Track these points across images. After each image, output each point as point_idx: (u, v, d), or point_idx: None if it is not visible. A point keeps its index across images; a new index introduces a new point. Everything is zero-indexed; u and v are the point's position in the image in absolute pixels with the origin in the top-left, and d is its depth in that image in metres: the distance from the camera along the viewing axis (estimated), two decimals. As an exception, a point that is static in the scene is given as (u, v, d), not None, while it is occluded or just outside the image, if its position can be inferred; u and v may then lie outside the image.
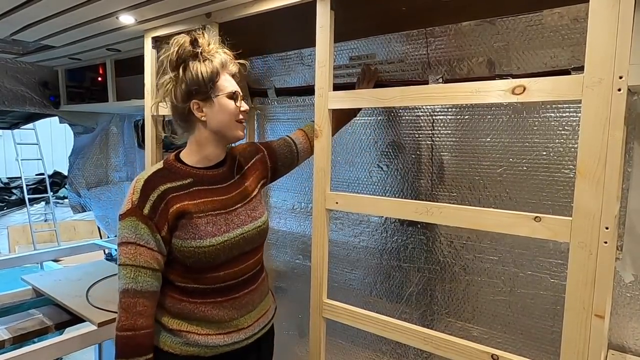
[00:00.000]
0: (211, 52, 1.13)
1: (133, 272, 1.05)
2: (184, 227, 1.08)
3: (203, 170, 1.17)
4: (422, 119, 1.56)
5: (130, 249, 1.05)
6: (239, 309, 1.17)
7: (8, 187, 8.29)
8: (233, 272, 1.15)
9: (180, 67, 1.12)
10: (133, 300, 1.04)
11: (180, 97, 1.13)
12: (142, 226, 1.05)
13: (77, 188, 3.30)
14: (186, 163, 1.17)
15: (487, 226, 0.96)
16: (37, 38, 1.95)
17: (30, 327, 1.83)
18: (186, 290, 1.13)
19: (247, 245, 1.17)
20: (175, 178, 1.12)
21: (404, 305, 1.68)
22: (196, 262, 1.10)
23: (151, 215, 1.06)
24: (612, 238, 0.81)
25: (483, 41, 1.36)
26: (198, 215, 1.09)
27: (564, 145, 1.28)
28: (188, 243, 1.08)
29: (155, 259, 1.07)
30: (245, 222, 1.17)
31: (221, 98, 1.13)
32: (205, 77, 1.10)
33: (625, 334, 1.23)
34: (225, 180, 1.20)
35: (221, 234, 1.11)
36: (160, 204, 1.07)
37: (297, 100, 1.97)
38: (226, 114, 1.13)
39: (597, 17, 0.80)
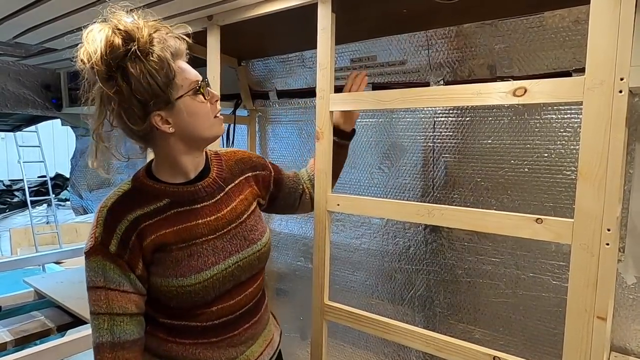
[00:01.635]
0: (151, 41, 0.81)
1: (107, 322, 0.84)
2: (162, 262, 0.88)
3: (182, 187, 0.93)
4: (424, 121, 1.57)
5: (100, 294, 0.85)
6: (238, 347, 0.98)
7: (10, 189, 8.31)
8: (228, 306, 0.95)
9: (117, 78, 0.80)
10: (111, 355, 0.84)
11: (133, 117, 0.84)
12: (110, 266, 0.85)
13: (79, 190, 3.31)
14: (160, 179, 0.93)
15: (488, 228, 0.96)
16: (40, 41, 1.96)
17: (32, 329, 1.83)
18: (173, 329, 0.93)
19: (243, 275, 0.97)
20: (147, 201, 0.89)
21: (405, 307, 1.68)
22: (181, 303, 0.90)
23: (120, 253, 0.85)
24: (614, 240, 0.81)
25: (484, 43, 1.36)
26: (178, 246, 0.88)
27: (565, 147, 1.27)
28: (168, 282, 0.87)
29: (132, 302, 0.87)
30: (241, 247, 0.96)
31: (185, 98, 0.86)
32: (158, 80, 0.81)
33: (627, 336, 1.23)
34: (212, 195, 0.96)
35: (209, 268, 0.90)
36: (131, 237, 0.85)
37: (299, 102, 1.97)
38: (198, 116, 0.89)
39: (598, 19, 0.80)
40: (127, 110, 0.83)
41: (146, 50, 0.80)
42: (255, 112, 2.16)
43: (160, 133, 0.88)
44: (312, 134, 1.84)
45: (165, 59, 0.82)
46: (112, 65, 0.80)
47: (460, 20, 1.37)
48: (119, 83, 0.80)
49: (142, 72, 0.80)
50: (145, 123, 0.85)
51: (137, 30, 0.81)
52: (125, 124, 0.85)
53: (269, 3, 1.32)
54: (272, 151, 2.15)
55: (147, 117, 0.85)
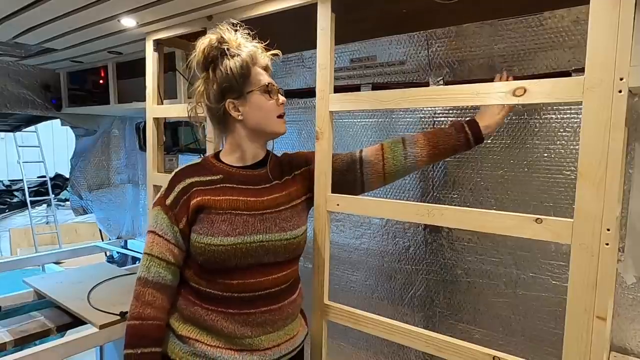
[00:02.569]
0: (239, 47, 1.09)
1: (148, 260, 1.05)
2: (201, 222, 1.05)
3: (237, 169, 1.13)
4: (423, 121, 1.57)
5: (150, 237, 1.07)
6: (253, 327, 1.06)
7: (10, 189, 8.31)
8: (249, 283, 1.05)
9: (209, 68, 1.09)
10: (143, 289, 1.04)
11: (213, 98, 1.10)
12: (162, 216, 1.06)
13: (78, 190, 3.31)
14: (222, 161, 1.15)
15: (488, 228, 0.96)
16: (39, 41, 1.96)
17: (32, 330, 1.83)
18: (199, 293, 1.08)
19: (267, 256, 1.07)
20: (205, 173, 1.11)
21: (405, 307, 1.68)
22: (207, 261, 1.05)
23: (172, 206, 1.06)
24: (614, 240, 0.81)
25: (484, 43, 1.36)
26: (217, 211, 1.05)
27: (565, 147, 1.27)
28: (201, 238, 1.04)
29: (170, 251, 1.05)
30: (270, 229, 1.07)
31: (255, 93, 1.09)
32: (236, 73, 1.06)
33: (627, 336, 1.23)
34: (259, 182, 1.13)
35: (235, 235, 1.03)
36: (183, 196, 1.07)
37: (298, 102, 1.97)
38: (263, 110, 1.10)
39: (598, 19, 0.80)
40: (209, 91, 1.10)
41: (233, 53, 1.07)
42: (255, 112, 2.16)
43: (232, 119, 1.11)
44: (312, 134, 1.84)
45: (244, 61, 1.07)
46: (208, 58, 1.08)
47: (459, 20, 1.37)
48: (209, 72, 1.10)
49: (226, 66, 1.06)
50: (220, 105, 1.09)
51: (232, 39, 1.09)
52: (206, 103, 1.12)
53: (269, 3, 1.32)
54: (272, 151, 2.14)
55: (222, 100, 1.09)
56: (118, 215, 3.35)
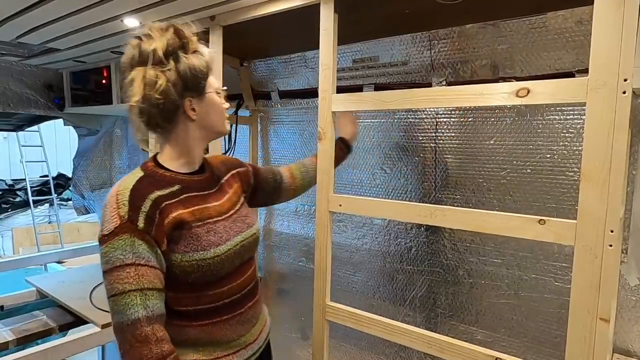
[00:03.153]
0: (197, 45, 1.04)
1: (140, 297, 0.89)
2: (183, 239, 0.96)
3: (188, 176, 1.06)
4: (426, 122, 1.56)
5: (130, 271, 0.89)
6: (245, 324, 1.09)
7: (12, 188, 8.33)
8: (236, 285, 1.07)
9: (171, 59, 0.98)
10: (149, 328, 0.89)
11: (172, 92, 0.98)
12: (138, 243, 0.90)
13: (81, 190, 3.32)
14: (168, 168, 1.04)
15: (491, 229, 0.95)
16: (42, 41, 1.96)
17: (34, 329, 1.83)
18: (188, 315, 1.01)
19: (246, 254, 1.10)
20: (161, 185, 0.98)
21: (407, 308, 1.67)
22: (199, 277, 0.98)
23: (147, 229, 0.91)
24: (617, 241, 0.81)
25: (487, 44, 1.35)
26: (196, 224, 0.99)
27: (568, 148, 1.27)
28: (190, 256, 0.96)
29: (158, 278, 0.93)
30: (242, 228, 1.10)
31: (212, 94, 1.07)
32: (201, 71, 1.01)
33: (630, 338, 1.22)
34: (211, 186, 1.11)
35: (224, 243, 1.02)
36: (155, 214, 0.93)
37: (301, 102, 1.97)
38: (217, 111, 1.08)
39: (602, 20, 0.80)
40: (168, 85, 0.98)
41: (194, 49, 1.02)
42: (257, 112, 2.16)
43: (184, 118, 1.03)
44: (314, 134, 1.84)
45: (207, 62, 1.04)
46: (169, 51, 0.98)
47: (462, 20, 1.37)
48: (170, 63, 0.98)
49: (191, 62, 1.00)
50: (177, 101, 1.00)
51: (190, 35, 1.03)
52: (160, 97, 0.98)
53: (272, 3, 1.32)
54: (274, 151, 2.15)
55: (182, 97, 1.01)
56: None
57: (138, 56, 0.98)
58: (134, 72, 0.98)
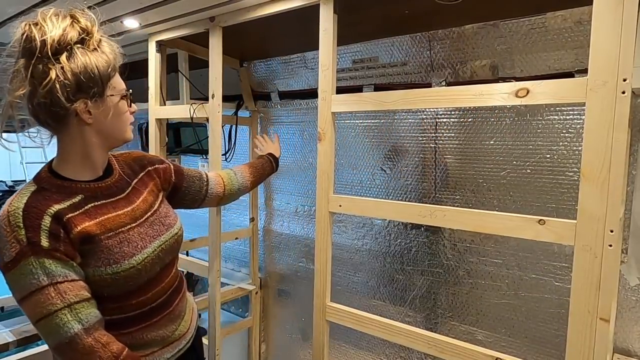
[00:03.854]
0: (100, 41, 0.91)
1: (70, 313, 0.83)
2: (92, 253, 0.89)
3: (91, 183, 0.95)
4: (426, 122, 1.56)
5: (50, 292, 0.82)
6: (175, 321, 1.09)
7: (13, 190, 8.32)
8: (161, 288, 1.03)
9: (63, 55, 0.85)
10: (90, 339, 0.84)
11: (62, 92, 0.85)
12: (48, 262, 0.82)
13: (81, 191, 3.31)
14: (66, 177, 0.93)
15: (491, 229, 0.96)
16: (42, 42, 1.96)
17: (34, 330, 1.83)
18: (115, 324, 0.94)
19: (167, 257, 1.05)
20: (60, 198, 0.89)
21: (407, 308, 1.67)
22: (116, 291, 0.93)
23: (54, 246, 0.83)
24: (617, 241, 0.81)
25: (486, 44, 1.36)
26: (107, 235, 0.91)
27: (567, 148, 1.27)
28: (102, 271, 0.89)
29: (84, 288, 0.87)
30: (160, 232, 1.03)
31: (115, 98, 0.95)
32: (102, 72, 0.89)
33: (630, 338, 1.22)
34: (122, 189, 1.01)
35: (139, 252, 0.95)
36: (59, 230, 0.85)
37: (300, 103, 1.97)
38: (119, 117, 0.97)
39: (601, 20, 0.80)
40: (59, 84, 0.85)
41: (94, 46, 0.89)
42: (257, 113, 2.16)
43: (77, 121, 0.91)
44: (314, 135, 1.84)
45: (110, 61, 0.92)
46: (63, 45, 0.85)
47: (461, 21, 1.37)
48: (61, 59, 0.85)
49: (89, 60, 0.88)
50: (69, 103, 0.87)
51: (92, 28, 0.90)
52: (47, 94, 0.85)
53: (271, 4, 1.32)
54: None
55: (74, 98, 0.88)
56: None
57: (27, 45, 0.85)
58: (20, 62, 0.86)
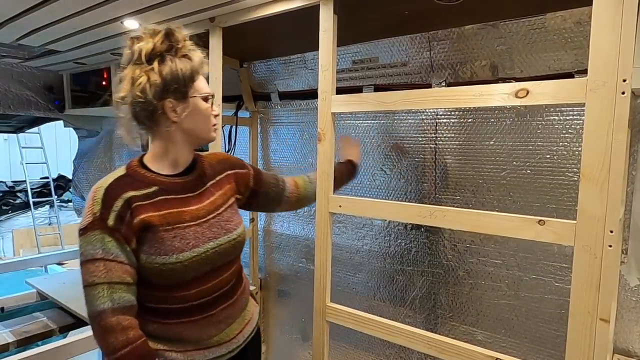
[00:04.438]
0: (188, 49, 1.05)
1: (107, 290, 0.94)
2: (149, 241, 0.99)
3: (170, 178, 1.06)
4: (426, 123, 1.56)
5: (99, 266, 0.95)
6: (217, 325, 1.09)
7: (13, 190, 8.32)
8: (206, 288, 1.06)
9: (155, 60, 1.00)
10: (114, 319, 0.93)
11: (153, 92, 1.00)
12: (108, 239, 0.95)
13: (81, 191, 3.32)
14: (151, 169, 1.06)
15: (490, 230, 0.96)
16: (43, 43, 1.96)
17: (35, 330, 1.84)
18: (156, 312, 1.03)
19: (220, 260, 1.08)
20: (139, 186, 1.01)
21: (407, 308, 1.67)
22: (162, 281, 1.00)
23: (117, 226, 0.95)
24: (617, 241, 0.81)
25: (486, 44, 1.36)
26: (164, 228, 1.00)
27: (567, 149, 1.27)
28: (152, 259, 0.98)
29: (128, 273, 0.97)
30: (218, 234, 1.07)
31: (197, 99, 1.06)
32: (185, 75, 1.02)
33: (630, 338, 1.22)
34: (195, 188, 1.10)
35: (189, 249, 1.01)
36: (126, 214, 0.97)
37: (301, 104, 1.97)
38: (201, 116, 1.07)
39: (601, 20, 0.80)
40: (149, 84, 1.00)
41: (182, 53, 1.04)
42: (257, 113, 2.16)
43: (165, 119, 1.04)
44: (314, 135, 1.84)
45: (194, 66, 1.04)
46: (155, 53, 1.01)
47: (461, 21, 1.37)
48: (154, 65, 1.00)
49: (176, 65, 1.01)
50: (158, 102, 1.01)
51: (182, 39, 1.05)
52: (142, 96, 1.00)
53: (271, 5, 1.32)
54: (274, 152, 2.15)
55: (162, 98, 1.01)
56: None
57: (129, 55, 1.02)
58: (126, 70, 1.03)
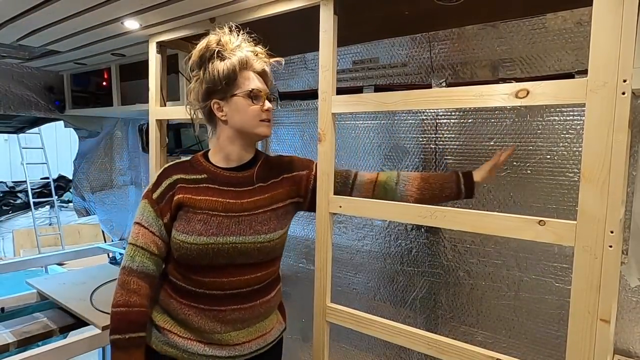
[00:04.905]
0: (233, 51, 1.12)
1: (132, 250, 1.10)
2: (180, 219, 1.11)
3: (221, 170, 1.16)
4: (426, 123, 1.56)
5: (136, 228, 1.11)
6: (223, 324, 1.11)
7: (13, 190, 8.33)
8: (220, 282, 1.10)
9: (202, 67, 1.13)
10: (128, 278, 1.08)
11: (200, 96, 1.14)
12: (149, 209, 1.11)
13: (81, 192, 3.32)
14: (210, 160, 1.19)
15: (491, 230, 0.95)
16: (43, 43, 1.96)
17: (35, 331, 1.84)
18: (175, 287, 1.14)
19: (239, 257, 1.10)
20: (191, 171, 1.15)
21: (407, 309, 1.67)
22: (181, 257, 1.11)
23: (158, 200, 1.11)
24: (617, 242, 0.81)
25: (486, 45, 1.36)
26: (194, 210, 1.10)
27: (568, 149, 1.27)
28: (177, 235, 1.09)
29: (154, 243, 1.10)
30: (244, 232, 1.10)
31: (238, 97, 1.11)
32: (222, 76, 1.10)
33: (631, 339, 1.22)
34: (241, 184, 1.15)
35: (208, 236, 1.07)
36: (169, 192, 1.12)
37: (301, 104, 1.98)
38: (244, 113, 1.12)
39: (601, 20, 0.80)
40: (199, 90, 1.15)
41: (225, 56, 1.11)
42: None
43: (217, 119, 1.15)
44: (314, 136, 1.84)
45: (233, 64, 1.10)
46: (204, 59, 1.12)
47: (462, 22, 1.37)
48: (201, 71, 1.13)
49: (215, 67, 1.10)
50: (205, 103, 1.14)
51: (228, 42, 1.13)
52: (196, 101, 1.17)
53: (271, 5, 1.32)
54: (275, 153, 2.15)
55: (208, 99, 1.14)
56: (121, 216, 3.35)
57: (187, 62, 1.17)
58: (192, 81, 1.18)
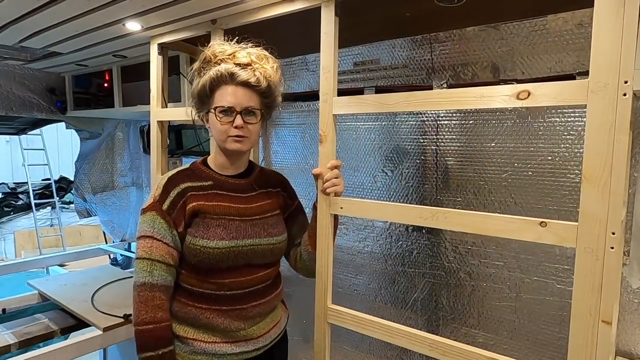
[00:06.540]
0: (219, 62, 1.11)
1: (149, 265, 1.07)
2: (196, 225, 1.11)
3: (225, 177, 1.19)
4: (427, 124, 1.56)
5: (147, 242, 1.08)
6: (246, 320, 1.16)
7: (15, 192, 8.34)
8: (239, 282, 1.14)
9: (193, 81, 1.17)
10: (150, 294, 1.06)
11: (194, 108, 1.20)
12: (160, 221, 1.09)
13: (83, 193, 3.32)
14: (210, 167, 1.21)
15: (492, 231, 0.95)
16: (45, 45, 1.97)
17: (36, 332, 1.84)
18: (192, 294, 1.13)
19: (256, 258, 1.17)
20: (196, 179, 1.16)
21: (409, 310, 1.67)
22: (201, 262, 1.11)
23: (169, 211, 1.10)
24: (619, 243, 0.81)
25: (487, 46, 1.36)
26: (211, 216, 1.12)
27: (569, 150, 1.27)
28: (196, 241, 1.10)
29: (170, 254, 1.09)
30: (259, 234, 1.17)
31: (211, 113, 1.12)
32: (196, 93, 1.14)
33: (633, 341, 1.22)
34: (246, 190, 1.21)
35: (229, 239, 1.11)
36: (179, 201, 1.11)
37: (302, 105, 1.98)
38: (214, 129, 1.14)
39: (602, 22, 0.80)
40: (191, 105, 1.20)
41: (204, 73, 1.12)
42: (259, 115, 2.16)
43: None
44: (315, 137, 1.84)
45: (205, 82, 1.11)
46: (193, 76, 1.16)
47: (463, 23, 1.37)
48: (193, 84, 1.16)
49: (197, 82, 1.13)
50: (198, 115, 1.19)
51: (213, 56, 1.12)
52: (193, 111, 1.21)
53: (272, 7, 1.33)
54: (275, 154, 2.15)
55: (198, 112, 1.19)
56: (122, 217, 3.36)
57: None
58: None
